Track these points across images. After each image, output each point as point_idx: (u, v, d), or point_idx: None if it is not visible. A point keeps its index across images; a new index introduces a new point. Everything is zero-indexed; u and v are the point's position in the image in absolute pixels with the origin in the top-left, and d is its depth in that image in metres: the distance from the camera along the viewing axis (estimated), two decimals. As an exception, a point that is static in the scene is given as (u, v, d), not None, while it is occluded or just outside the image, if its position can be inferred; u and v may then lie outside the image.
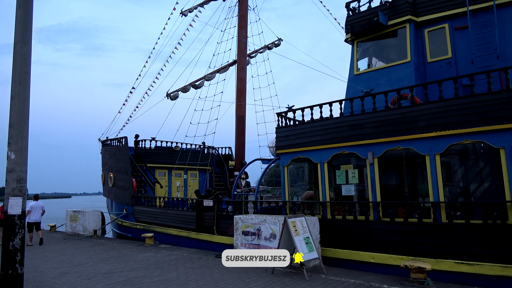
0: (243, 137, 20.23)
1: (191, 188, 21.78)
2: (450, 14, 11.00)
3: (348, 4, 13.01)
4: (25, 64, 7.16)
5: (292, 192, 12.60)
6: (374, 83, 11.84)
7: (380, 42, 12.57)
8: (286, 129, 11.82)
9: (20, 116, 6.96)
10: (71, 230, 17.28)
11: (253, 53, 22.94)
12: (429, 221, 8.51)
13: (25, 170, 6.95)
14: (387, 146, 9.46)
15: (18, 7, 7.22)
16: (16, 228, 6.56)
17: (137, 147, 20.75)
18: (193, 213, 13.82)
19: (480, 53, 10.48)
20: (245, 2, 20.86)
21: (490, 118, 7.94)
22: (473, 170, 10.30)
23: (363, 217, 9.60)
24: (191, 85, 20.63)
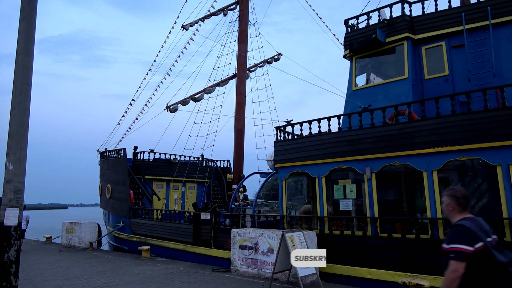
0: (241, 150, 20.26)
1: (189, 200, 21.68)
2: (447, 33, 11.19)
3: (347, 21, 13.22)
4: (26, 75, 7.22)
5: (290, 206, 12.58)
6: (372, 98, 11.95)
7: (378, 58, 12.74)
8: (285, 143, 11.87)
9: (20, 127, 6.99)
10: (67, 242, 17.13)
11: (253, 67, 23.17)
12: (426, 237, 8.49)
13: (23, 181, 6.94)
14: (384, 161, 9.50)
15: (22, 20, 7.33)
16: (11, 239, 6.52)
17: (135, 159, 20.74)
18: (190, 226, 13.75)
19: (476, 71, 10.62)
20: (245, 17, 21.16)
21: (486, 135, 8.01)
22: (470, 187, 10.32)
23: (360, 233, 9.57)
24: (191, 98, 20.76)
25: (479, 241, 3.06)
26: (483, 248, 3.05)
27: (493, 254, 3.03)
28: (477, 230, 3.12)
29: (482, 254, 3.04)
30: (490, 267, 3.03)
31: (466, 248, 3.03)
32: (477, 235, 3.08)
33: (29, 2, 7.39)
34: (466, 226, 3.15)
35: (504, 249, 3.13)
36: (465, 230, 3.13)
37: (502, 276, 2.99)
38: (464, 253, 3.03)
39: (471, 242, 3.06)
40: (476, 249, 3.04)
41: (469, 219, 3.25)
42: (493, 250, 3.06)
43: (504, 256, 3.04)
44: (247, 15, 21.33)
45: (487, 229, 3.22)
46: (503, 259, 3.00)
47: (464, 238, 3.08)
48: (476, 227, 3.15)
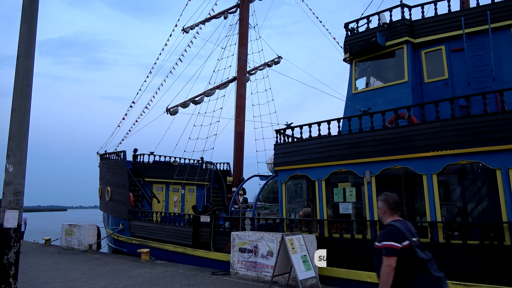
0: (241, 153, 20.26)
1: (189, 203, 21.67)
2: (447, 37, 11.22)
3: (347, 25, 13.27)
4: (27, 78, 7.25)
5: (289, 209, 12.57)
6: (372, 102, 11.97)
7: (378, 62, 12.77)
8: (284, 146, 11.88)
9: (20, 129, 7.00)
10: (66, 244, 17.10)
11: (253, 70, 23.22)
12: (426, 241, 8.48)
13: (23, 183, 6.95)
14: (384, 165, 9.51)
15: (23, 22, 7.36)
16: (11, 241, 6.52)
17: (135, 161, 20.74)
18: (189, 229, 13.74)
19: (476, 75, 10.65)
20: (245, 20, 21.22)
21: (486, 139, 8.02)
22: (470, 190, 10.34)
23: (360, 236, 9.57)
24: (191, 101, 20.79)
25: (405, 239, 3.57)
26: (408, 246, 3.57)
27: (416, 252, 3.55)
28: (405, 231, 3.63)
29: (407, 251, 3.55)
30: (413, 262, 3.55)
31: (396, 245, 3.53)
32: (404, 234, 3.59)
33: (30, 5, 7.42)
34: (396, 226, 3.67)
35: (425, 248, 3.66)
36: (395, 229, 3.64)
37: (421, 270, 3.53)
38: (394, 249, 3.53)
39: (400, 240, 3.56)
40: (403, 246, 3.54)
41: (399, 221, 3.77)
42: (416, 248, 3.58)
43: (424, 254, 3.59)
44: (248, 18, 21.38)
45: (413, 231, 3.74)
46: (424, 256, 3.55)
47: (394, 237, 3.59)
48: (404, 228, 3.66)
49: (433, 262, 3.63)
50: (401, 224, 3.69)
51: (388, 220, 3.85)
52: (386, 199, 3.91)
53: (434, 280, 3.50)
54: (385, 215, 3.91)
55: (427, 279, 3.50)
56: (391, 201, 3.89)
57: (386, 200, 3.91)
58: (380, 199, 3.99)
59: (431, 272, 3.50)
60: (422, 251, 3.60)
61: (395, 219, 3.81)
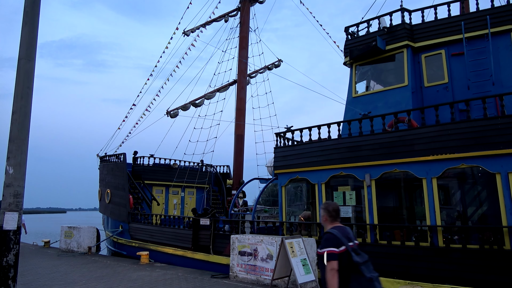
0: (241, 156, 20.27)
1: (188, 206, 21.65)
2: (447, 41, 11.27)
3: (347, 29, 13.31)
4: (28, 80, 7.26)
5: (289, 212, 12.57)
6: (372, 105, 12.00)
7: (378, 66, 12.81)
8: (285, 149, 11.89)
9: (21, 131, 7.01)
10: (65, 247, 17.07)
11: (253, 73, 23.26)
12: (426, 245, 8.48)
13: (23, 185, 6.95)
14: (384, 168, 9.52)
15: (24, 24, 7.39)
16: (10, 243, 6.52)
17: (135, 163, 20.73)
18: (189, 231, 13.72)
19: (475, 79, 10.68)
20: (246, 24, 21.29)
21: (486, 143, 8.04)
22: (470, 194, 10.33)
23: (360, 240, 9.55)
24: (191, 103, 20.81)
25: (342, 245, 3.92)
26: (345, 251, 3.92)
27: (351, 256, 3.91)
28: (341, 237, 3.97)
29: (344, 255, 3.91)
30: (349, 265, 3.90)
31: (334, 250, 3.89)
32: (340, 240, 3.94)
33: (32, 7, 7.45)
34: (333, 233, 4.00)
35: (361, 252, 4.01)
36: (332, 237, 3.98)
37: (356, 272, 3.89)
38: (333, 254, 3.88)
39: (337, 245, 3.92)
40: (340, 251, 3.91)
41: (337, 228, 4.09)
42: (352, 252, 3.93)
43: (359, 257, 3.93)
44: (248, 22, 21.46)
45: (350, 236, 4.08)
46: (358, 260, 3.90)
47: (331, 243, 3.94)
48: (341, 234, 4.00)
49: (369, 264, 3.99)
50: (338, 231, 4.03)
51: (328, 227, 4.17)
52: (326, 208, 4.23)
53: (367, 281, 3.84)
54: (326, 223, 4.22)
55: (360, 280, 3.85)
56: (331, 209, 4.20)
57: (326, 209, 4.22)
58: (322, 207, 4.31)
59: (364, 274, 3.85)
60: (357, 255, 3.95)
61: (334, 226, 4.13)
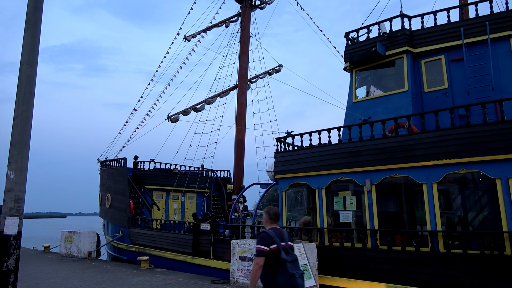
0: (242, 161, 20.29)
1: (189, 211, 21.63)
2: (446, 46, 11.31)
3: (347, 34, 13.37)
4: (29, 85, 7.30)
5: (290, 217, 12.56)
6: (372, 111, 12.02)
7: (378, 71, 12.85)
8: (285, 154, 11.90)
9: (22, 136, 7.04)
10: (65, 251, 17.05)
11: (254, 78, 23.34)
12: (426, 250, 8.47)
13: (24, 190, 6.96)
14: (384, 173, 9.52)
15: (27, 30, 7.44)
16: (11, 248, 6.52)
17: (136, 168, 20.75)
18: (189, 236, 13.70)
19: (475, 84, 10.71)
20: (247, 29, 21.40)
21: (486, 149, 8.05)
22: (471, 199, 10.32)
23: (360, 245, 9.54)
24: (192, 108, 20.87)
25: (274, 244, 4.48)
26: (276, 249, 4.47)
27: (281, 253, 4.46)
28: (275, 237, 4.53)
29: (275, 252, 4.46)
30: (278, 261, 4.46)
31: (264, 248, 4.45)
32: (273, 239, 4.50)
33: (34, 13, 7.51)
34: (268, 233, 4.57)
35: (291, 252, 4.58)
36: (266, 236, 4.55)
37: (282, 268, 4.43)
38: (262, 251, 4.45)
39: (268, 244, 4.47)
40: (271, 249, 4.46)
41: (273, 229, 4.67)
42: (282, 251, 4.48)
43: (288, 256, 4.48)
44: (249, 27, 21.58)
45: (284, 238, 4.63)
46: (285, 258, 4.45)
47: (264, 241, 4.50)
48: (275, 234, 4.56)
49: (296, 262, 4.57)
50: (273, 232, 4.61)
51: (267, 228, 4.77)
52: (268, 211, 4.82)
53: (289, 276, 4.40)
54: (266, 224, 4.82)
55: (285, 275, 4.42)
56: (272, 213, 4.80)
57: (268, 212, 4.82)
58: (264, 211, 4.89)
59: (288, 270, 4.42)
60: (287, 254, 4.51)
61: (271, 227, 4.72)
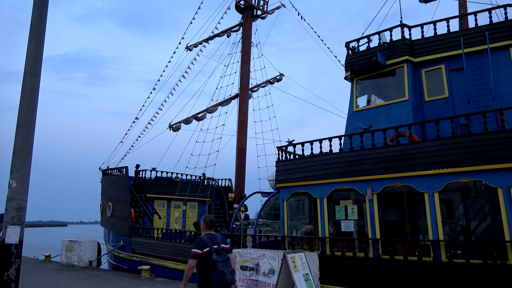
0: (243, 170, 20.29)
1: (190, 219, 21.57)
2: (446, 56, 11.38)
3: (348, 44, 13.47)
4: (33, 94, 7.37)
5: (291, 226, 12.51)
6: (373, 120, 12.06)
7: (378, 80, 12.91)
8: (286, 163, 11.91)
9: (25, 145, 7.08)
10: (66, 261, 16.98)
11: (255, 87, 23.45)
12: (428, 260, 8.42)
13: (26, 198, 6.99)
14: (386, 182, 9.51)
15: (31, 40, 7.54)
16: (12, 258, 6.53)
17: (137, 177, 20.75)
18: (191, 245, 13.63)
19: (476, 93, 10.75)
20: (248, 39, 21.57)
21: (487, 158, 8.05)
22: (473, 208, 10.29)
23: (362, 254, 9.49)
24: (194, 117, 20.93)
25: (206, 247, 5.24)
26: (208, 251, 5.22)
27: (212, 255, 5.20)
28: (208, 241, 5.30)
29: (208, 254, 5.21)
30: (210, 262, 5.20)
31: (197, 251, 5.20)
32: (206, 243, 5.27)
33: (38, 23, 7.62)
34: (202, 238, 5.34)
35: (222, 252, 5.32)
36: (200, 240, 5.31)
37: (213, 267, 5.18)
38: (195, 254, 5.20)
39: (201, 248, 5.23)
40: (204, 252, 5.21)
41: (207, 234, 5.45)
42: (214, 252, 5.23)
43: (219, 257, 5.23)
44: (250, 37, 21.76)
45: (217, 242, 5.38)
46: (216, 258, 5.20)
47: (197, 245, 5.26)
48: (208, 239, 5.34)
49: (227, 261, 5.34)
50: (206, 237, 5.39)
51: (203, 233, 5.54)
52: (204, 219, 5.66)
53: (219, 274, 5.16)
54: (203, 230, 5.62)
55: (215, 273, 5.17)
56: (208, 220, 5.63)
57: (204, 220, 5.65)
58: (202, 219, 5.72)
59: (218, 268, 5.18)
60: (218, 255, 5.26)
61: (206, 233, 5.51)
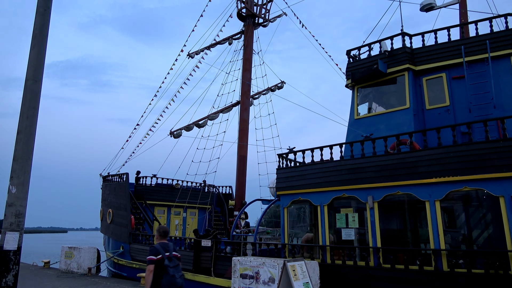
0: (244, 177, 20.23)
1: (190, 227, 21.49)
2: (447, 64, 11.39)
3: (349, 52, 13.52)
4: (34, 100, 7.40)
5: (292, 234, 12.44)
6: (374, 127, 12.04)
7: (379, 88, 12.93)
8: (287, 171, 11.88)
9: (25, 150, 7.09)
10: (65, 267, 16.89)
11: (257, 94, 23.50)
12: (430, 269, 8.34)
13: (25, 204, 6.97)
14: (387, 190, 9.47)
15: (33, 47, 7.58)
16: (10, 264, 6.50)
17: (137, 183, 20.72)
18: (190, 253, 13.56)
19: (477, 102, 10.74)
20: (250, 46, 21.67)
21: (488, 166, 8.01)
22: (475, 217, 10.21)
23: (363, 263, 9.41)
24: (195, 124, 20.95)
25: (159, 254, 6.17)
26: (161, 258, 6.16)
27: (164, 261, 6.15)
28: (160, 249, 6.24)
29: (161, 261, 6.15)
30: (162, 267, 6.13)
31: (153, 257, 6.13)
32: (159, 251, 6.20)
33: (41, 30, 7.67)
34: (155, 246, 6.31)
35: (174, 259, 6.32)
36: (154, 249, 6.25)
37: (165, 271, 6.12)
38: (152, 260, 6.12)
39: (156, 254, 6.16)
40: (158, 258, 6.14)
41: (160, 243, 6.41)
42: (166, 259, 6.19)
43: (170, 263, 6.20)
44: (252, 44, 21.85)
45: (169, 249, 6.35)
46: (168, 264, 6.16)
47: (152, 253, 6.19)
48: (161, 247, 6.28)
49: (177, 267, 6.30)
50: (159, 245, 6.33)
51: (156, 242, 6.52)
52: (158, 230, 6.65)
53: (170, 277, 6.10)
54: (157, 239, 6.61)
55: (167, 277, 6.09)
56: (161, 231, 6.64)
57: (158, 231, 6.64)
58: (156, 229, 6.71)
59: (169, 272, 6.12)
60: (170, 261, 6.21)
61: (159, 242, 6.48)
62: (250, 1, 21.72)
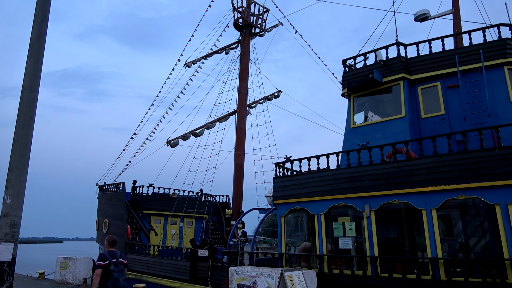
0: (241, 186, 20.18)
1: (187, 236, 21.35)
2: (442, 73, 11.50)
3: (345, 61, 13.63)
4: (30, 110, 7.39)
5: (289, 243, 12.38)
6: (370, 136, 12.09)
7: (375, 97, 13.01)
8: (284, 180, 11.87)
9: (21, 160, 7.06)
10: (60, 278, 16.67)
11: (253, 103, 23.57)
12: (427, 278, 8.32)
13: (20, 214, 6.92)
14: (383, 199, 9.47)
15: (30, 56, 7.60)
16: (4, 275, 6.43)
17: (134, 193, 20.61)
18: (187, 263, 13.46)
19: (471, 110, 10.83)
20: (246, 56, 21.80)
21: (484, 175, 8.05)
22: (472, 225, 10.23)
23: (360, 272, 9.37)
24: (191, 133, 20.95)
25: (106, 260, 7.21)
26: (108, 263, 7.19)
27: (110, 266, 7.18)
28: (107, 256, 7.31)
29: (107, 266, 7.17)
30: (108, 271, 7.15)
31: (101, 263, 7.15)
32: (107, 258, 7.25)
33: (38, 40, 7.70)
34: (103, 254, 7.35)
35: (119, 264, 7.38)
36: (102, 255, 7.30)
37: (110, 276, 7.15)
38: (100, 265, 7.13)
39: (103, 260, 7.19)
40: (105, 264, 7.17)
41: (108, 251, 7.50)
42: (112, 264, 7.23)
43: (115, 268, 7.25)
44: (248, 54, 21.98)
45: (116, 256, 7.43)
46: (113, 268, 7.21)
47: (101, 259, 7.23)
48: (108, 254, 7.38)
49: (122, 272, 7.37)
50: (107, 252, 7.41)
51: (106, 250, 7.52)
52: (108, 239, 7.72)
53: (114, 280, 7.12)
54: (106, 248, 7.60)
55: (112, 280, 7.11)
56: (110, 240, 7.71)
57: (108, 240, 7.72)
58: (106, 239, 7.74)
59: (113, 276, 7.15)
60: (115, 266, 7.25)
61: (108, 250, 7.51)
62: (246, 11, 21.92)
